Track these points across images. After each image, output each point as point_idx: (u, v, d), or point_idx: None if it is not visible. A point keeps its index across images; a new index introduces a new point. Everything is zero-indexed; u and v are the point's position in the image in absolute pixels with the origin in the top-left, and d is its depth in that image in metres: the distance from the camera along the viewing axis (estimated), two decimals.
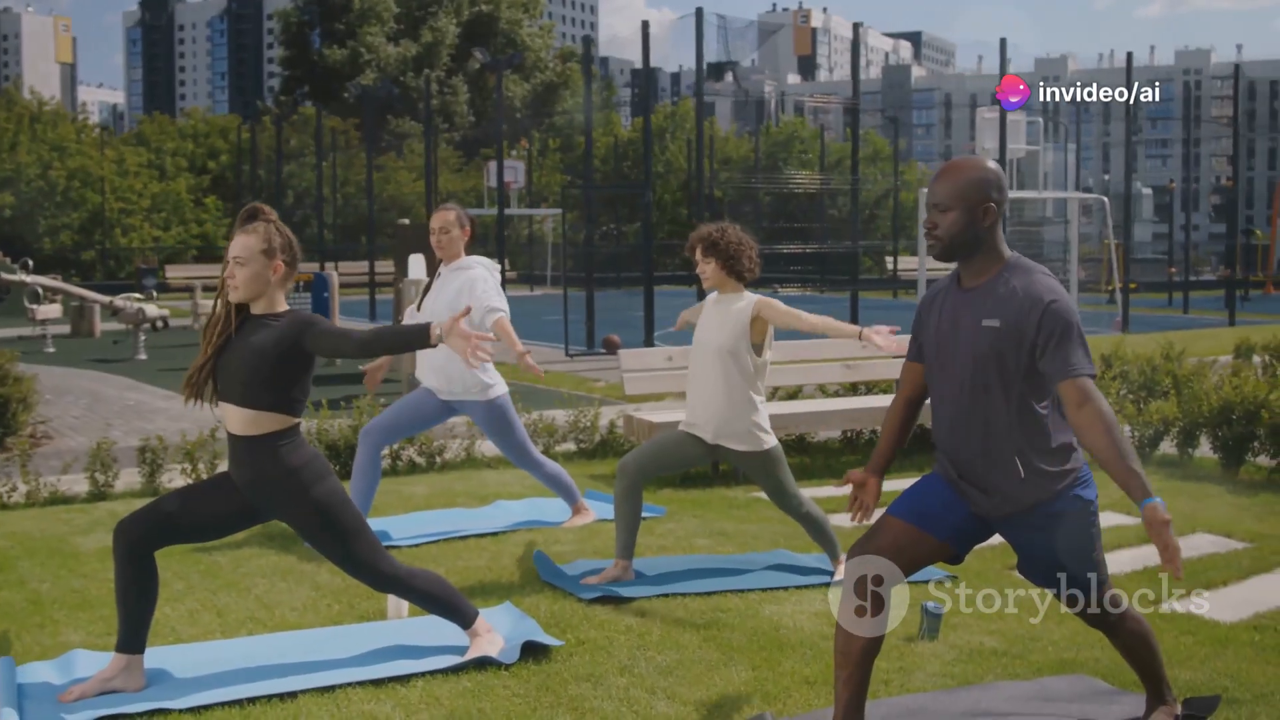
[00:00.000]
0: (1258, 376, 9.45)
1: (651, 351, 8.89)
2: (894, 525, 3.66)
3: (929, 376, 3.74)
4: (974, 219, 3.55)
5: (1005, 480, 3.57)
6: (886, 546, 3.60)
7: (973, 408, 3.57)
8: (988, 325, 3.54)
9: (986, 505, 3.62)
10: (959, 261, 3.64)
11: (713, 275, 5.58)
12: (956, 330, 3.60)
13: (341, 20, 56.55)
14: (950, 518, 3.66)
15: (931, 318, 3.72)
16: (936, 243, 3.62)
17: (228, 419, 4.24)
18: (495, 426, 6.52)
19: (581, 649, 4.62)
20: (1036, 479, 3.55)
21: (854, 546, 3.66)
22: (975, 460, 3.59)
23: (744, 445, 5.54)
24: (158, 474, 7.87)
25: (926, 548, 3.64)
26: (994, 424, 3.54)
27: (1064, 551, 3.63)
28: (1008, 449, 3.54)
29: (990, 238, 3.59)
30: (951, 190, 3.57)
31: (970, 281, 3.63)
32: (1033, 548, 3.67)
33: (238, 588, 5.48)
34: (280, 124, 33.48)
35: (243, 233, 4.23)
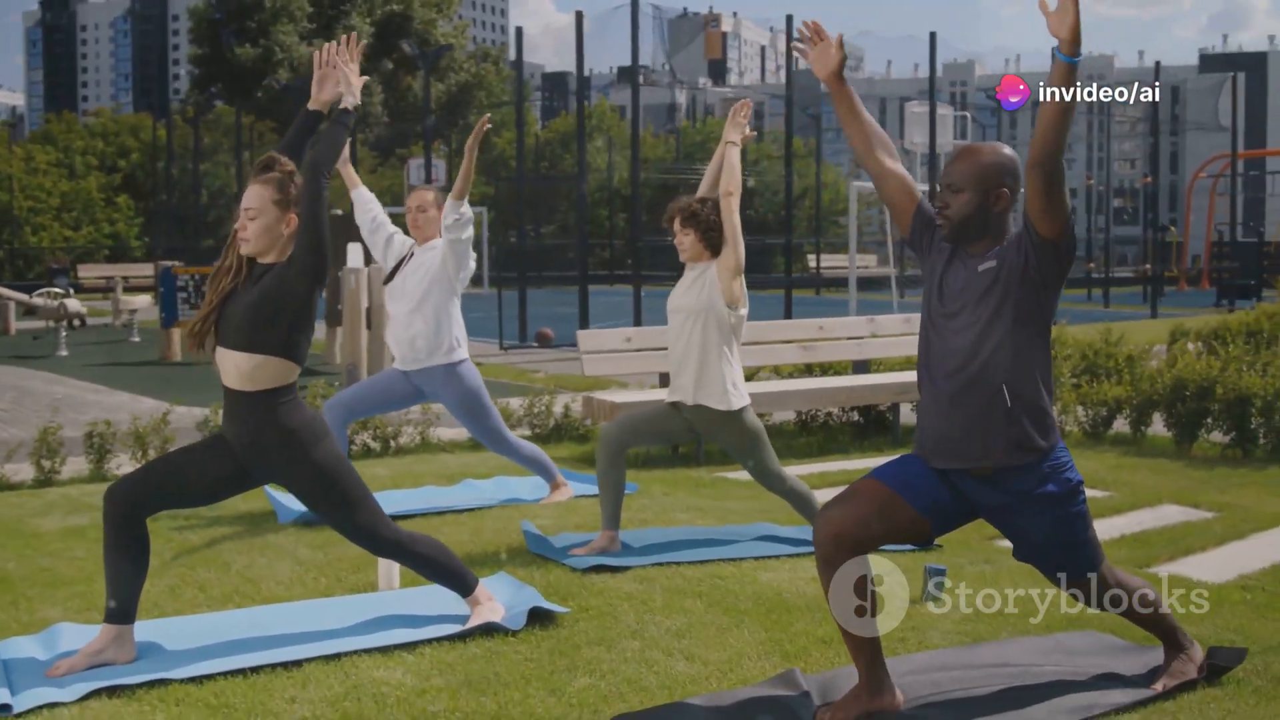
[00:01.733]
0: (1200, 358, 9.58)
1: (609, 332, 8.79)
2: (875, 488, 3.62)
3: (923, 336, 3.69)
4: (986, 202, 3.54)
5: (990, 414, 3.49)
6: (865, 509, 3.55)
7: (968, 346, 3.52)
8: (985, 268, 3.54)
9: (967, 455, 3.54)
10: (965, 243, 3.60)
11: (690, 247, 5.50)
12: (956, 274, 3.58)
13: (253, 18, 55.73)
14: (932, 492, 3.62)
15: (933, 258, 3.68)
16: (946, 223, 3.59)
17: (227, 371, 4.06)
18: (467, 406, 6.38)
19: (586, 615, 4.52)
20: (1021, 425, 3.50)
21: (830, 502, 3.63)
22: (961, 395, 3.52)
23: (720, 404, 5.46)
24: (106, 460, 7.63)
25: (905, 517, 3.58)
26: (985, 357, 3.50)
27: (1057, 533, 3.62)
28: (995, 378, 3.49)
29: (1000, 224, 3.57)
30: (967, 172, 3.55)
31: (973, 250, 3.60)
32: (1026, 533, 3.65)
33: (215, 564, 5.30)
34: (197, 121, 32.89)
35: (257, 182, 4.06)
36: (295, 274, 4.01)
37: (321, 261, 4.04)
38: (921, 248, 3.74)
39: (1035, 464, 3.56)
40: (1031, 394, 3.53)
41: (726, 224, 5.42)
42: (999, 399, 3.50)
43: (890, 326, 9.66)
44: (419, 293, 6.23)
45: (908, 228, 3.72)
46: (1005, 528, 3.70)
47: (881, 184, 3.76)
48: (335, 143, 4.15)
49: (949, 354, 3.57)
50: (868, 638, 3.57)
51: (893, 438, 9.06)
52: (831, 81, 3.73)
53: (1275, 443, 8.28)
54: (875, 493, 3.59)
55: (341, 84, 4.24)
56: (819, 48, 3.74)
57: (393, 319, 6.36)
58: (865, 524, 3.54)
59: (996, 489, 3.59)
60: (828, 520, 3.55)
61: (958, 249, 3.62)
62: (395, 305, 6.34)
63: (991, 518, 3.68)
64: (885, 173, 3.73)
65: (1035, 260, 3.47)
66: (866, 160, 3.74)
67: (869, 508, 3.56)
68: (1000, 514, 3.64)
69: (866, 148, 3.73)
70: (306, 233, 4.01)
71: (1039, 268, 3.48)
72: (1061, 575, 3.73)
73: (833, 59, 3.70)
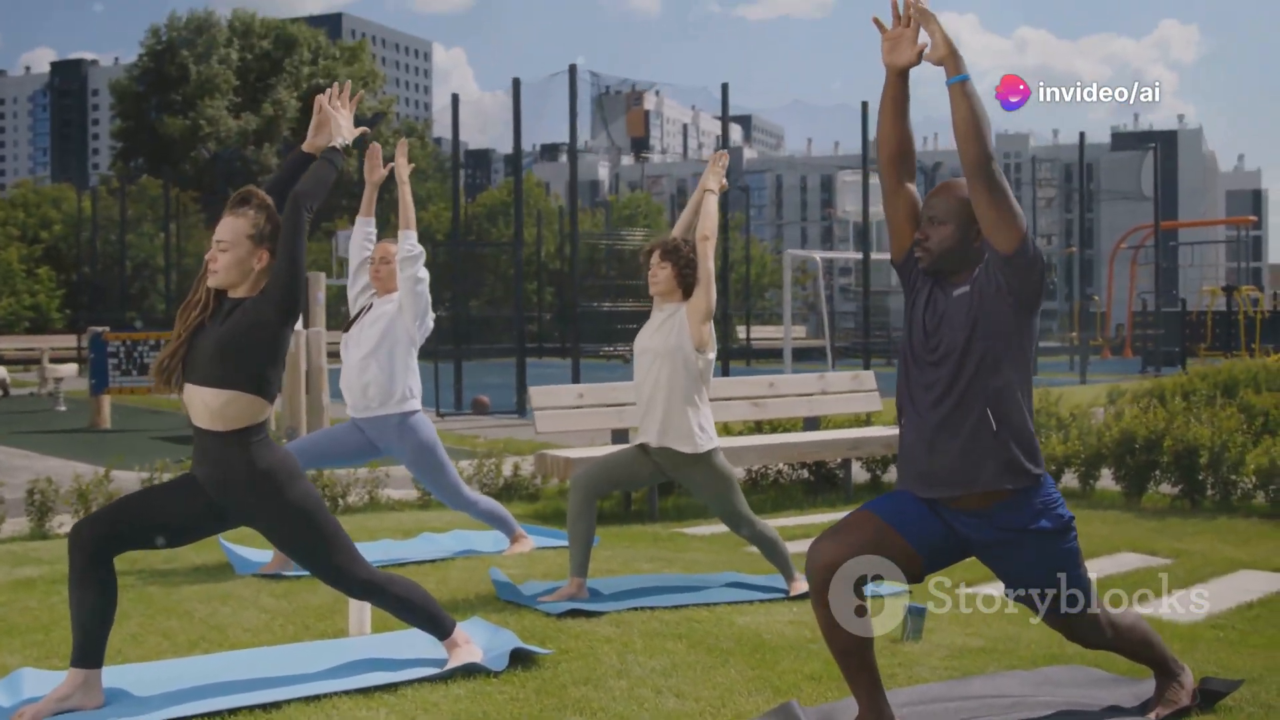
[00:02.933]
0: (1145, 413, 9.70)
1: (562, 389, 8.74)
2: (869, 519, 3.56)
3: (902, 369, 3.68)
4: (967, 236, 3.54)
5: (977, 440, 3.46)
6: (859, 540, 3.50)
7: (949, 373, 3.49)
8: (960, 293, 3.53)
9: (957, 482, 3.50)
10: (943, 274, 3.60)
11: (664, 281, 5.48)
12: (933, 305, 3.57)
13: (179, 91, 55.47)
14: (925, 527, 3.57)
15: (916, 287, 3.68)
16: (926, 254, 3.58)
17: (196, 409, 3.93)
18: (422, 460, 6.26)
19: (568, 657, 4.42)
20: (1009, 449, 3.47)
21: (824, 534, 3.57)
22: (946, 422, 3.49)
23: (687, 447, 5.42)
24: (47, 518, 7.43)
25: (898, 551, 3.51)
26: (967, 383, 3.47)
27: (1050, 570, 3.59)
28: (979, 403, 3.46)
29: (979, 257, 3.56)
30: (949, 205, 3.55)
31: (952, 280, 3.61)
32: (1019, 569, 3.60)
33: (177, 613, 5.14)
34: (124, 193, 32.55)
35: (231, 215, 3.97)
36: (269, 307, 3.92)
37: (297, 296, 3.96)
38: (907, 276, 3.74)
39: (1027, 498, 3.53)
40: (1017, 418, 3.52)
41: (701, 266, 5.42)
42: (985, 424, 3.48)
43: (840, 384, 9.68)
44: (374, 339, 6.14)
45: (902, 253, 3.72)
46: (997, 563, 3.65)
47: (892, 200, 3.71)
48: (322, 179, 4.09)
49: (931, 383, 3.55)
50: (867, 669, 3.52)
51: (845, 494, 9.06)
52: (894, 75, 3.54)
53: (1223, 494, 8.38)
54: (869, 524, 3.55)
55: (333, 128, 4.21)
56: (900, 34, 3.50)
57: (346, 366, 6.26)
58: (858, 553, 3.49)
59: (989, 524, 3.55)
60: (821, 551, 3.50)
61: (938, 279, 3.63)
62: (350, 353, 6.24)
63: (983, 554, 3.63)
64: (900, 190, 3.68)
65: (1005, 279, 3.44)
66: (887, 170, 3.68)
67: (863, 539, 3.51)
68: (992, 550, 3.59)
69: (892, 157, 3.65)
70: (284, 266, 3.93)
71: (1010, 287, 3.44)
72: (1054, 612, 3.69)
73: (907, 54, 3.49)
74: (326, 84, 29.18)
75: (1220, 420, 8.67)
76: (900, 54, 3.49)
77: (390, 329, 6.14)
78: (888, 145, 3.65)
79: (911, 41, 3.47)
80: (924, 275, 3.65)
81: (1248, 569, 6.50)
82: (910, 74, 3.56)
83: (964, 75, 3.34)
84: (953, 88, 3.35)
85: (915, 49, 3.46)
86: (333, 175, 4.12)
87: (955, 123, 3.36)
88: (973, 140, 3.34)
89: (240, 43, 57.59)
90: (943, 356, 3.52)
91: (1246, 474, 8.23)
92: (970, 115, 3.34)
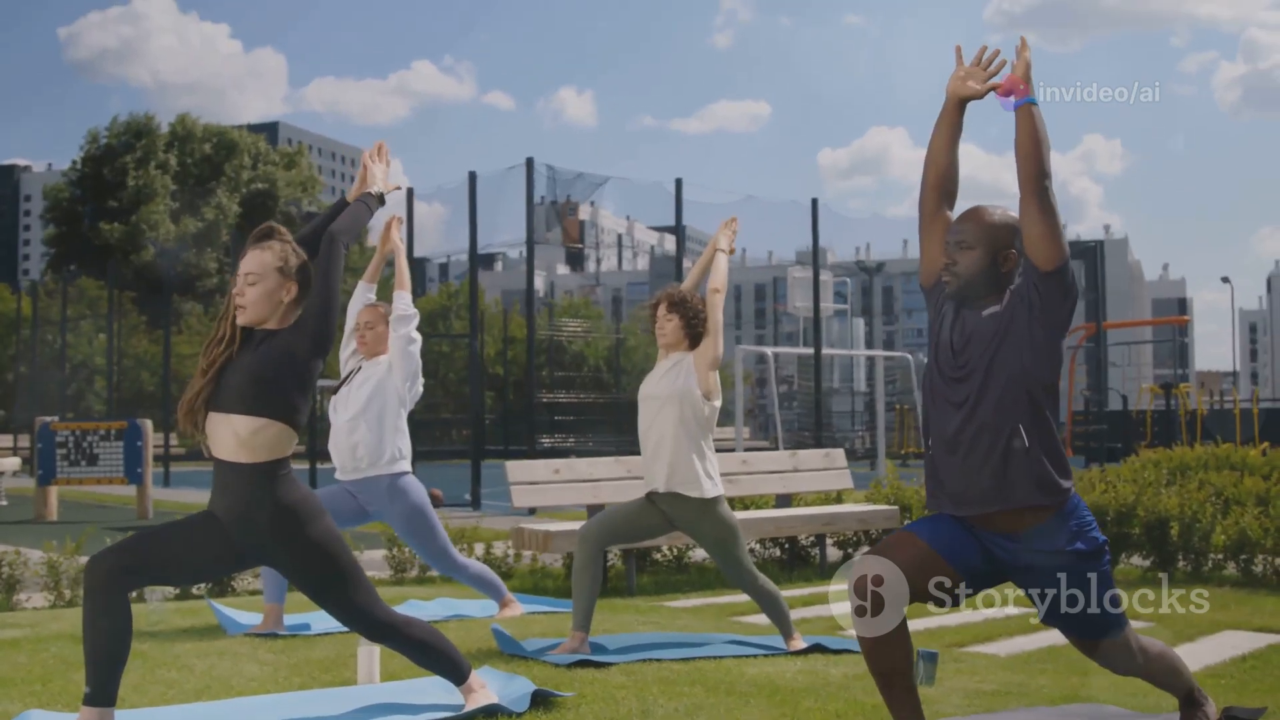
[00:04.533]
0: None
1: (538, 464, 8.70)
2: (912, 541, 3.59)
3: (927, 389, 3.73)
4: (995, 262, 3.60)
5: (1010, 457, 3.50)
6: (904, 560, 3.53)
7: (977, 392, 3.54)
8: (990, 313, 3.60)
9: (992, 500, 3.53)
10: (969, 300, 3.67)
11: (672, 333, 5.56)
12: (962, 324, 3.63)
13: (116, 197, 55.18)
14: (965, 551, 3.60)
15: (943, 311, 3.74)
16: (954, 280, 3.64)
17: (223, 440, 3.89)
18: (413, 523, 6.20)
19: (587, 700, 4.37)
20: (1042, 464, 3.51)
21: (870, 552, 3.59)
22: (977, 441, 3.52)
23: (694, 491, 5.44)
24: (15, 590, 7.26)
25: (941, 574, 3.56)
26: (996, 400, 3.52)
27: (1084, 593, 3.63)
28: (1010, 420, 3.51)
29: (1006, 284, 3.62)
30: (977, 230, 3.62)
31: (977, 306, 3.68)
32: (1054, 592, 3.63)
33: (175, 666, 5.02)
34: (65, 293, 32.25)
35: (257, 249, 3.98)
36: (304, 339, 3.92)
37: (330, 329, 3.98)
38: (935, 298, 3.80)
39: (1062, 520, 3.57)
40: (1047, 434, 3.56)
41: (711, 317, 5.50)
42: (1017, 441, 3.52)
43: (812, 461, 9.73)
44: (363, 400, 6.12)
45: (933, 275, 3.77)
46: (1033, 587, 3.68)
47: (929, 225, 3.77)
48: (356, 219, 4.17)
49: (960, 401, 3.59)
50: (910, 691, 3.52)
51: (820, 570, 9.06)
52: (955, 104, 3.72)
53: (1195, 564, 8.47)
54: (912, 545, 3.57)
55: (369, 179, 4.33)
56: (972, 71, 3.70)
57: (334, 428, 6.21)
58: (903, 574, 3.51)
59: (1025, 548, 3.57)
60: (866, 568, 3.51)
61: (962, 304, 3.69)
62: (338, 415, 6.20)
63: (1019, 578, 3.65)
64: (938, 216, 3.76)
65: (1040, 299, 3.52)
66: (928, 194, 3.76)
67: (906, 559, 3.53)
68: (1029, 574, 3.62)
69: (938, 180, 3.75)
70: (320, 298, 3.95)
71: (1043, 308, 3.52)
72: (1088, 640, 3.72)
73: (974, 88, 3.68)
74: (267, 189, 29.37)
75: (1188, 493, 8.79)
76: (968, 87, 3.69)
77: (380, 390, 6.12)
78: (935, 168, 3.75)
79: (980, 80, 3.68)
80: (950, 301, 3.72)
81: (1231, 629, 6.56)
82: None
83: (1033, 99, 3.54)
84: (1021, 109, 3.54)
85: (983, 87, 3.67)
86: (367, 216, 4.21)
87: (1019, 141, 3.52)
88: (1032, 159, 3.49)
89: (180, 148, 57.58)
90: (970, 372, 3.57)
91: (1218, 544, 8.33)
92: (1033, 135, 3.51)
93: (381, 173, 4.37)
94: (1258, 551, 8.30)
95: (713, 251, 5.75)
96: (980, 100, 3.73)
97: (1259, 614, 6.98)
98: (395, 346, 6.10)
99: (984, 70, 3.70)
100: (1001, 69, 3.67)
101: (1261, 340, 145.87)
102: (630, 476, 8.58)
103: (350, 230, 4.11)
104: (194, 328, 46.44)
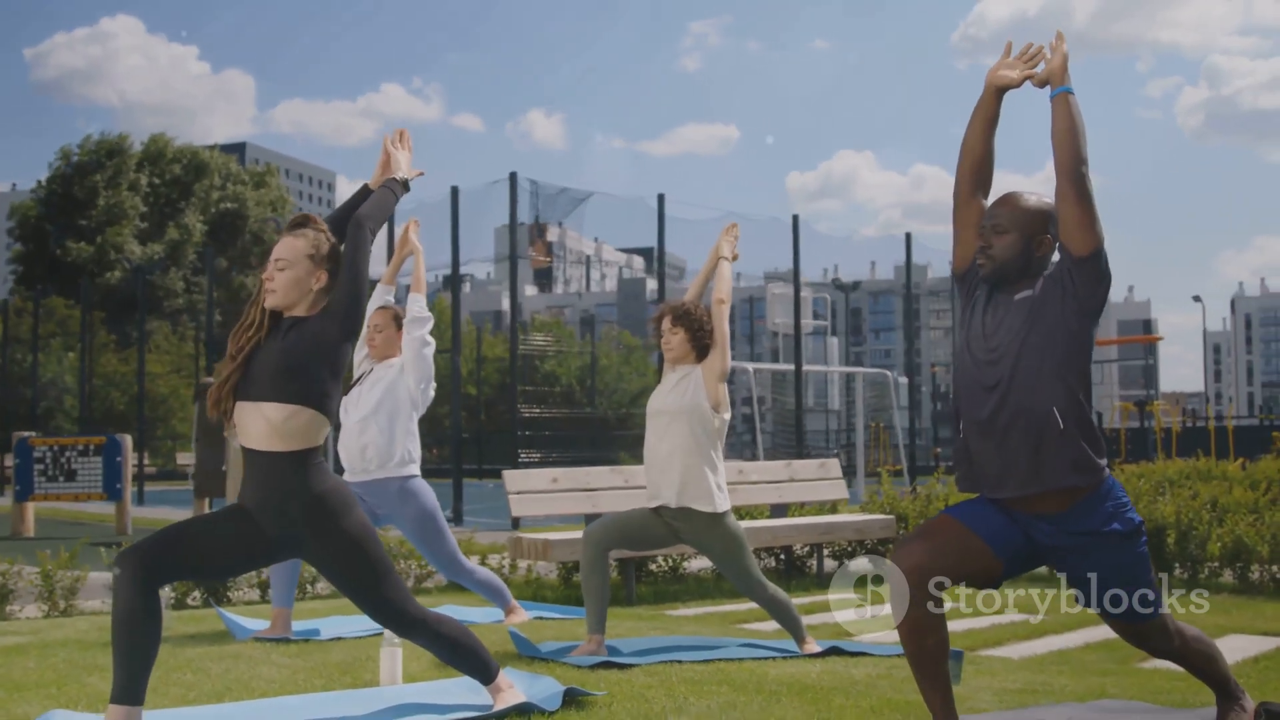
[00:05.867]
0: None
1: (536, 473, 8.66)
2: (953, 524, 3.59)
3: (958, 375, 3.73)
4: (1029, 246, 3.62)
5: (1045, 439, 3.50)
6: (946, 543, 3.53)
7: (1009, 374, 3.55)
8: (1023, 297, 3.61)
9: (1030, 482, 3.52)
10: (1003, 283, 3.67)
11: (678, 346, 5.53)
12: (994, 308, 3.65)
13: (85, 216, 54.71)
14: (1005, 533, 3.61)
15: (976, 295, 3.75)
16: (989, 262, 3.65)
17: (254, 428, 3.82)
18: (423, 527, 6.14)
19: (619, 699, 4.33)
20: (1079, 445, 3.51)
21: (911, 536, 3.58)
22: (1014, 423, 3.52)
23: (707, 506, 5.41)
24: (8, 601, 7.15)
25: (981, 555, 3.55)
26: (1031, 383, 3.52)
27: (1122, 574, 3.62)
28: (1045, 402, 3.51)
29: (1040, 269, 3.65)
30: (1013, 215, 3.64)
31: (1009, 290, 3.69)
32: (1092, 573, 3.63)
33: (191, 669, 4.94)
34: (37, 312, 31.99)
35: (291, 236, 3.95)
36: (333, 324, 3.88)
37: (360, 315, 3.95)
38: (968, 283, 3.80)
39: (1099, 501, 3.57)
40: (1081, 416, 3.57)
41: (717, 328, 5.47)
42: (1052, 422, 3.52)
43: (808, 471, 9.72)
44: (374, 401, 6.06)
45: (968, 262, 3.78)
46: (1071, 569, 3.67)
47: (963, 210, 3.79)
48: (383, 204, 4.13)
49: (993, 383, 3.58)
50: (944, 677, 3.52)
51: (817, 579, 9.04)
52: (993, 92, 3.78)
53: (1192, 572, 8.51)
54: (954, 529, 3.56)
55: (393, 165, 4.29)
56: (1013, 63, 3.78)
57: (344, 429, 6.15)
58: (945, 557, 3.50)
59: (1063, 530, 3.58)
60: (909, 553, 3.50)
61: (995, 288, 3.70)
62: (349, 416, 6.14)
63: (1057, 560, 3.65)
64: (971, 201, 3.78)
65: (1074, 283, 3.54)
66: (965, 178, 3.79)
67: (947, 543, 3.53)
68: (1066, 555, 3.62)
69: (973, 166, 3.78)
70: (349, 283, 3.92)
71: (1077, 292, 3.54)
72: (1126, 622, 3.71)
73: (1013, 77, 3.75)
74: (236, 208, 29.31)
75: (1183, 501, 8.83)
76: (1007, 77, 3.76)
77: (391, 391, 6.07)
78: (971, 155, 3.78)
79: (1020, 71, 3.75)
80: (984, 283, 3.73)
81: (1236, 633, 6.58)
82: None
83: (1069, 88, 3.61)
84: (1057, 97, 3.60)
85: (1021, 76, 3.74)
86: (393, 202, 4.17)
87: (1056, 128, 3.57)
88: (1069, 145, 3.54)
89: (150, 168, 57.19)
90: (1002, 355, 3.58)
91: (1213, 552, 8.37)
92: (1070, 122, 3.57)
93: (405, 159, 4.34)
94: (1254, 559, 8.35)
95: (716, 259, 5.71)
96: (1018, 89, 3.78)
97: (1260, 619, 7.01)
98: (409, 349, 6.06)
99: (1023, 62, 3.76)
100: (1039, 62, 3.73)
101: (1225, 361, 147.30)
102: (628, 486, 8.56)
103: (377, 216, 4.08)
104: (161, 347, 46.11)
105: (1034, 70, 3.73)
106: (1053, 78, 3.65)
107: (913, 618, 3.46)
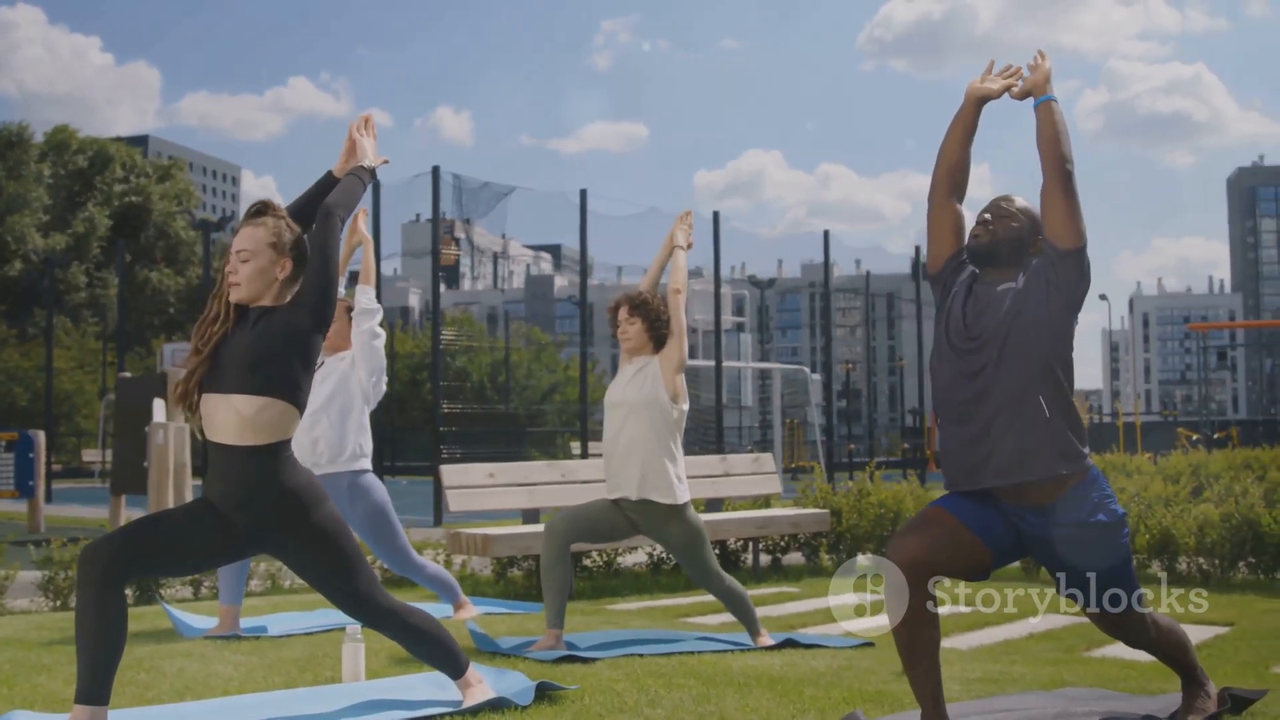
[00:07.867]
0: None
1: (473, 468, 8.59)
2: (945, 516, 3.62)
3: (937, 365, 3.77)
4: (1028, 238, 3.74)
5: (1032, 428, 3.55)
6: (939, 535, 3.56)
7: (992, 365, 3.60)
8: (1005, 288, 3.68)
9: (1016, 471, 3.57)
10: (990, 266, 3.74)
11: (635, 336, 5.51)
12: (975, 298, 3.70)
13: None
14: (993, 524, 3.64)
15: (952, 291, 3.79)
16: (987, 236, 3.72)
17: (223, 422, 3.73)
18: (374, 522, 6.06)
19: (590, 692, 4.30)
20: (1064, 434, 3.57)
21: (905, 529, 3.61)
22: (999, 414, 3.57)
23: (667, 498, 5.40)
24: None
25: (971, 546, 3.58)
26: (1015, 372, 3.58)
27: (1105, 563, 3.67)
28: (1032, 391, 3.57)
29: (1025, 264, 3.73)
30: (1023, 209, 3.77)
31: (992, 278, 3.74)
32: (1076, 563, 3.67)
33: (144, 668, 4.81)
34: None
35: (250, 225, 3.85)
36: (303, 313, 3.81)
37: (330, 305, 3.87)
38: (943, 283, 3.85)
39: (1085, 492, 3.62)
40: (1064, 403, 3.63)
41: (674, 319, 5.46)
42: (1038, 412, 3.57)
43: (742, 465, 9.75)
44: (326, 394, 5.98)
45: (942, 261, 3.84)
46: (1053, 559, 3.71)
47: (938, 214, 3.87)
48: (351, 191, 4.05)
49: (977, 373, 3.63)
50: (935, 670, 3.53)
51: (753, 573, 9.07)
52: (974, 102, 3.91)
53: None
54: (946, 520, 3.59)
55: (359, 152, 4.22)
56: (992, 77, 3.94)
57: None
58: (939, 549, 3.52)
59: (1049, 520, 3.62)
60: (904, 546, 3.52)
61: (976, 280, 3.75)
62: None
63: (1041, 550, 3.68)
64: (947, 204, 3.88)
65: (1057, 275, 3.62)
66: (941, 181, 3.87)
67: (941, 535, 3.55)
68: (1051, 546, 3.65)
69: (950, 170, 3.87)
70: (318, 272, 3.85)
71: (1059, 284, 3.62)
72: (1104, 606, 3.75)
73: (993, 89, 3.90)
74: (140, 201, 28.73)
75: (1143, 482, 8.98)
76: (986, 88, 3.93)
77: (344, 384, 5.99)
78: (948, 159, 3.88)
79: (1001, 84, 3.92)
80: (961, 279, 3.77)
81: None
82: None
83: (1051, 96, 3.79)
84: (1042, 105, 3.77)
85: (1001, 88, 3.91)
86: (361, 189, 4.10)
87: (1042, 133, 3.73)
88: (1055, 146, 3.69)
89: (54, 158, 55.87)
90: (984, 343, 3.63)
91: (1140, 545, 8.48)
92: (1054, 125, 3.73)
93: (371, 145, 4.26)
94: (1181, 550, 8.51)
95: (670, 248, 5.70)
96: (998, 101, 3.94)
97: (1193, 609, 7.13)
98: (359, 341, 5.98)
99: (1005, 77, 3.93)
100: (1019, 78, 3.90)
101: (1124, 359, 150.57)
102: (565, 481, 8.54)
103: (346, 204, 4.00)
104: (63, 342, 45.11)
105: (1013, 83, 3.88)
106: (1036, 88, 3.81)
107: (909, 612, 3.47)
